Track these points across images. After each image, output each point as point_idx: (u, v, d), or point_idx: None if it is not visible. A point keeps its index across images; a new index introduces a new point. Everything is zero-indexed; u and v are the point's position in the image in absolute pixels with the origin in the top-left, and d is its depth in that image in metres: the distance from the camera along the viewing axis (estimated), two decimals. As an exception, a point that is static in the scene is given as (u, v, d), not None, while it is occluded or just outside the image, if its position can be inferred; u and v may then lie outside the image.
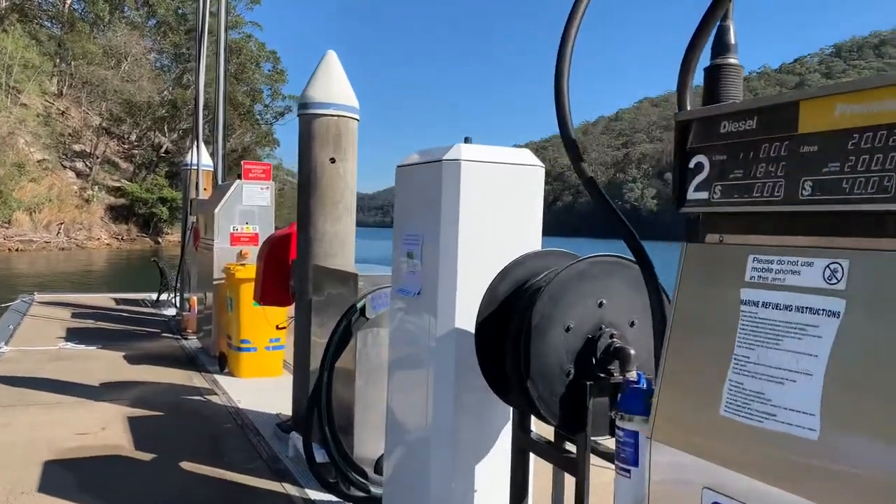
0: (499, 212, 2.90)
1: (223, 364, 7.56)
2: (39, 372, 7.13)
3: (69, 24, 52.41)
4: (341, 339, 3.96)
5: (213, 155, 11.42)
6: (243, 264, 7.56)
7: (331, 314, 4.47)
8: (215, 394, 6.56)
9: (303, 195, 5.03)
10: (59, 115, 50.57)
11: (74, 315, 11.14)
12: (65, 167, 49.85)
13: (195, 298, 9.66)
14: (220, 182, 10.32)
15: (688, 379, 1.69)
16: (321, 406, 3.98)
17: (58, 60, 51.83)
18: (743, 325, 1.58)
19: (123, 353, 8.20)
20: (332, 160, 4.94)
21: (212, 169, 11.27)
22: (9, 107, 44.37)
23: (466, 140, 2.97)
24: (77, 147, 51.57)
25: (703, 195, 1.72)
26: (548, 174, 3.19)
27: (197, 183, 11.07)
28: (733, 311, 1.61)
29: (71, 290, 19.16)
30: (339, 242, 4.98)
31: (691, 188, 1.75)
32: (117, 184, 52.27)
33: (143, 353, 8.28)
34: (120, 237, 50.57)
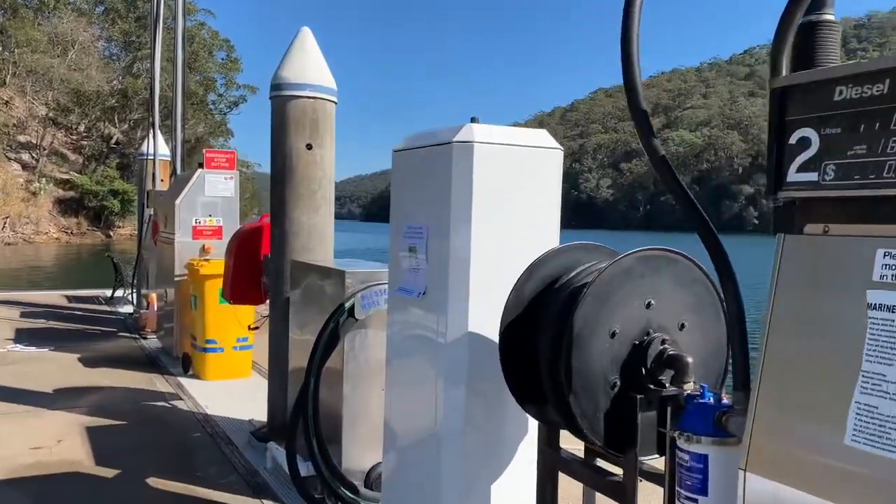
0: (514, 200, 2.58)
1: (187, 366, 7.11)
2: (-14, 378, 6.61)
3: (11, 10, 50.24)
4: (328, 342, 3.60)
5: (167, 143, 10.88)
6: (207, 259, 7.12)
7: (312, 314, 4.11)
8: (181, 399, 6.13)
9: (276, 185, 4.65)
10: (2, 105, 48.58)
11: (23, 314, 10.51)
12: (9, 159, 47.94)
13: (154, 295, 9.17)
14: (178, 172, 9.79)
15: (794, 398, 1.40)
16: (307, 414, 3.62)
17: (0, 48, 49.75)
18: (872, 334, 1.29)
19: (78, 355, 7.69)
20: (309, 146, 4.57)
21: (169, 159, 10.71)
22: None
23: (473, 120, 2.65)
24: (22, 138, 49.62)
25: (811, 176, 1.42)
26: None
27: (154, 173, 10.51)
28: (855, 317, 1.32)
29: (18, 287, 18.37)
30: (318, 235, 4.62)
31: (793, 168, 1.45)
32: (66, 176, 50.49)
33: (100, 355, 7.78)
34: (69, 231, 48.87)
